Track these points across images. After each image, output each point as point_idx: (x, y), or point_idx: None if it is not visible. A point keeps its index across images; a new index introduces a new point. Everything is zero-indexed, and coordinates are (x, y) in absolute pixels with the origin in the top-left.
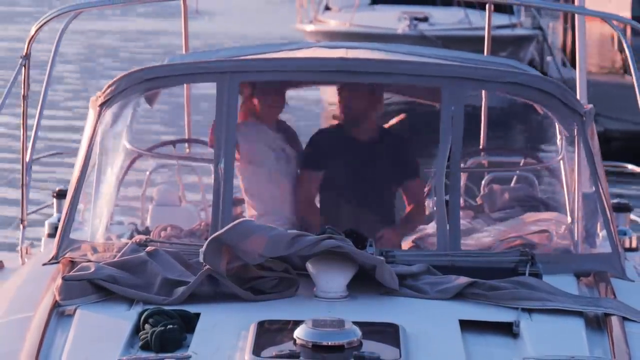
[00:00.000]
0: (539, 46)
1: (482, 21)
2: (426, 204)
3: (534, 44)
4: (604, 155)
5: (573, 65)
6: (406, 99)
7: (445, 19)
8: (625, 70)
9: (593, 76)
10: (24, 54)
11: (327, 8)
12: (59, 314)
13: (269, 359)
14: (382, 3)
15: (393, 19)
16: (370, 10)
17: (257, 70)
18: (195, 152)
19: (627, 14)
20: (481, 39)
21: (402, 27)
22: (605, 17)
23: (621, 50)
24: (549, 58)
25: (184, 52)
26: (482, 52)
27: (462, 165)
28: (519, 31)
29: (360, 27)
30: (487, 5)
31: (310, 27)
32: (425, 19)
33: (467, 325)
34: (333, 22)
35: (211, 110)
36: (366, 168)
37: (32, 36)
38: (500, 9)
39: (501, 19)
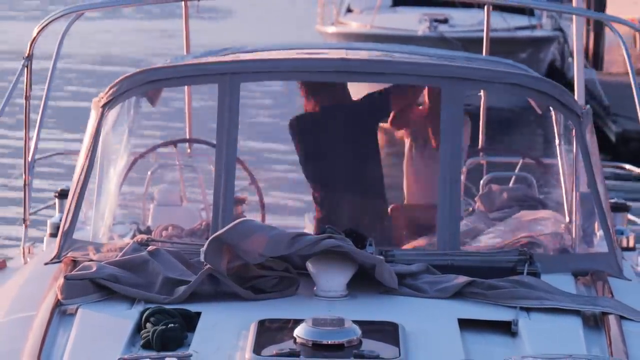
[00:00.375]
0: (560, 47)
1: (502, 23)
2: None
3: (555, 45)
4: (623, 156)
5: (595, 66)
6: None
7: (465, 20)
8: None
9: (615, 77)
10: (26, 55)
11: (349, 10)
12: (60, 313)
13: (269, 358)
14: (402, 5)
15: (414, 21)
16: (391, 12)
17: (257, 72)
18: (196, 152)
19: None
20: (501, 40)
21: (422, 29)
22: (604, 19)
23: None
24: (569, 59)
25: (185, 52)
26: (501, 53)
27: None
28: (538, 32)
29: (381, 28)
30: (485, 7)
31: (331, 29)
32: (445, 21)
33: (466, 324)
34: (354, 24)
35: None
36: None
37: (35, 38)
38: (520, 10)
39: (521, 21)
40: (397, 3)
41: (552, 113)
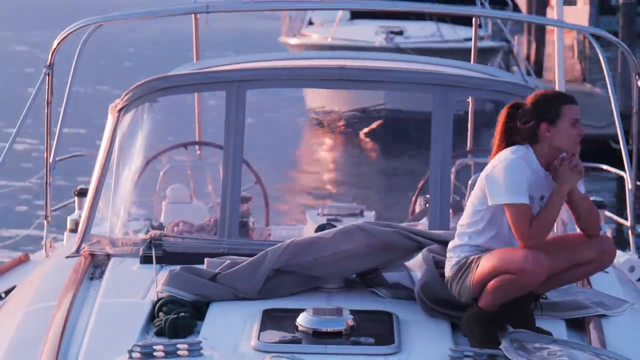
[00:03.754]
0: (505, 57)
1: (453, 34)
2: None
3: (501, 54)
4: None
5: (536, 74)
6: (390, 107)
7: (418, 32)
8: (585, 78)
9: (554, 84)
10: (48, 64)
11: (311, 22)
12: (80, 303)
13: (273, 344)
14: (360, 18)
15: (371, 33)
16: (350, 25)
17: (262, 79)
18: (205, 154)
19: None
20: (452, 50)
21: (379, 40)
22: (582, 30)
23: (581, 60)
24: (514, 68)
25: (194, 60)
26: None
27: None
28: (486, 43)
29: (341, 40)
30: (473, 19)
31: (294, 40)
32: (400, 33)
33: None
34: (315, 36)
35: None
36: None
37: (55, 48)
38: (469, 22)
39: (468, 32)
40: (355, 16)
41: None
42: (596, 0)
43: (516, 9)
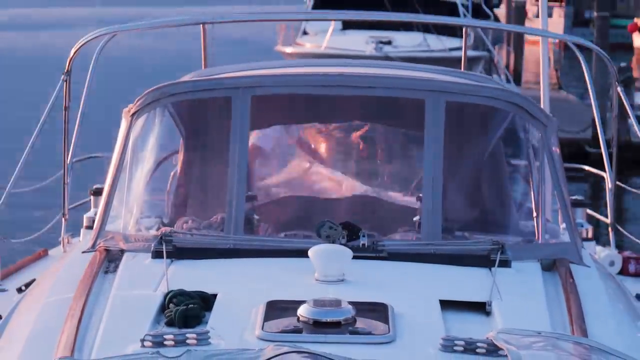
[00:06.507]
0: (486, 65)
1: (439, 44)
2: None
3: (482, 63)
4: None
5: (515, 82)
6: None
7: (406, 42)
8: (560, 86)
9: (533, 91)
10: (65, 70)
11: (305, 32)
12: (96, 295)
13: (276, 334)
14: (351, 28)
15: (361, 42)
16: (342, 35)
17: (265, 85)
18: None
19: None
20: (437, 59)
21: (369, 49)
22: (567, 40)
23: (556, 68)
24: (495, 76)
25: (202, 68)
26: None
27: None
28: (469, 52)
29: (333, 49)
30: (463, 29)
31: (289, 49)
32: (389, 42)
33: (446, 305)
34: (309, 45)
35: None
36: None
37: (72, 56)
38: (453, 33)
39: (454, 42)
40: (347, 27)
41: (523, 122)
42: (570, 13)
43: (497, 20)
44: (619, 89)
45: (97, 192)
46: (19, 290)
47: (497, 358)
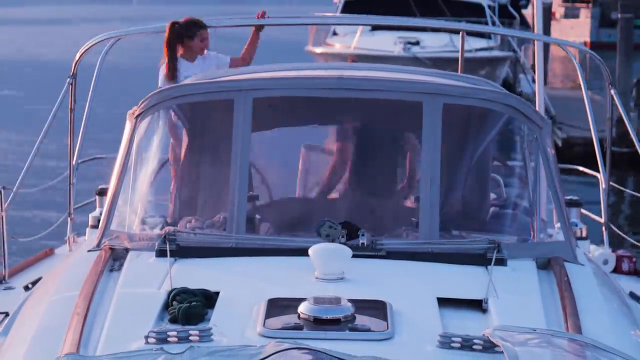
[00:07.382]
0: (512, 66)
1: (465, 44)
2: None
3: (508, 63)
4: (568, 158)
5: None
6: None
7: (434, 42)
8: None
9: (559, 91)
10: (71, 74)
11: (335, 33)
12: (101, 293)
13: (277, 330)
14: (380, 29)
15: (390, 43)
16: (371, 36)
17: (267, 88)
18: None
19: (586, 38)
20: (464, 59)
21: (397, 50)
22: (560, 43)
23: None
24: (521, 75)
25: None
26: (464, 71)
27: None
28: (494, 53)
29: (362, 49)
30: (460, 33)
31: (319, 49)
32: (417, 43)
33: (443, 302)
34: (338, 45)
35: None
36: None
37: (78, 60)
38: (480, 34)
39: (480, 43)
40: (376, 28)
41: (518, 123)
42: (597, 14)
43: (523, 20)
44: (612, 91)
45: (102, 193)
46: (26, 288)
47: (493, 354)
